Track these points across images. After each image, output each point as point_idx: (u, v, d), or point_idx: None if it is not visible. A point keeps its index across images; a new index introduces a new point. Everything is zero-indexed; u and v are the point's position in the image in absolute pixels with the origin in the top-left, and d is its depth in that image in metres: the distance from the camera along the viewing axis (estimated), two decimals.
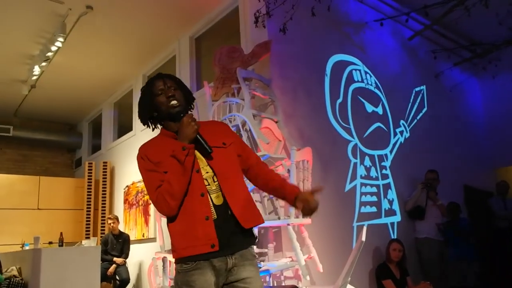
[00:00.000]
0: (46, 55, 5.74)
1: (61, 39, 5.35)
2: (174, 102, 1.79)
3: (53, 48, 5.57)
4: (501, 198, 5.77)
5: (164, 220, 4.43)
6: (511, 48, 5.71)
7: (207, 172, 1.77)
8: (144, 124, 1.93)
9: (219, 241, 1.68)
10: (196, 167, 1.75)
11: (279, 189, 1.90)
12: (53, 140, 8.72)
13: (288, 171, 3.61)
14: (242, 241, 1.77)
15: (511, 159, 6.71)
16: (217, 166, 1.78)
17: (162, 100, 1.80)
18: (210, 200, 1.73)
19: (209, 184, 1.75)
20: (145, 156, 1.79)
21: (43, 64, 6.03)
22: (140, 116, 1.91)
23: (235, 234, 1.74)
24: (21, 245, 5.38)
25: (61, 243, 5.07)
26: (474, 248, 4.90)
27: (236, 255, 1.73)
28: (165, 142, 1.81)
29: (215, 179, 1.76)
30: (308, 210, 1.79)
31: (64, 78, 6.84)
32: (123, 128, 7.43)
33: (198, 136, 1.73)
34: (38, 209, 7.18)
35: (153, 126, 1.91)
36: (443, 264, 4.89)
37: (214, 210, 1.72)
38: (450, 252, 4.85)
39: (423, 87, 5.98)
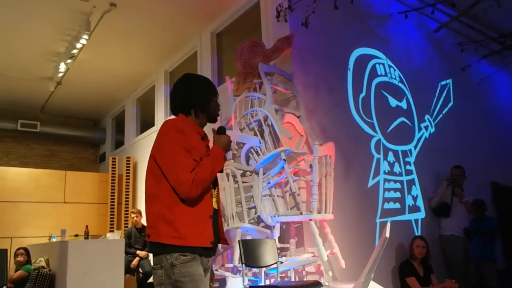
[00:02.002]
0: (71, 52, 5.85)
1: (85, 36, 5.45)
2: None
3: (78, 45, 5.68)
4: None
5: None
6: None
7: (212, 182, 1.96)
8: (185, 106, 1.96)
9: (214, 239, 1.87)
10: None
11: None
12: (78, 135, 8.93)
13: (310, 166, 3.58)
14: (216, 249, 1.98)
15: None
16: (215, 179, 2.00)
17: (216, 104, 2.03)
18: (213, 202, 1.92)
19: (213, 189, 1.95)
20: (184, 133, 1.83)
21: (69, 61, 6.16)
22: (196, 102, 1.95)
23: (218, 240, 1.95)
24: (48, 237, 5.53)
25: (86, 235, 5.18)
26: (500, 247, 4.75)
27: (211, 258, 1.93)
28: (195, 134, 1.91)
29: (213, 186, 1.95)
30: None
31: (88, 74, 6.98)
32: (146, 123, 7.53)
33: None
34: (64, 202, 7.36)
35: (190, 112, 1.96)
36: (467, 262, 4.78)
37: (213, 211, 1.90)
38: (472, 250, 4.73)
39: (449, 80, 5.83)
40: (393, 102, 4.95)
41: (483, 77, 6.35)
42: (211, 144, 1.97)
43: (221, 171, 1.98)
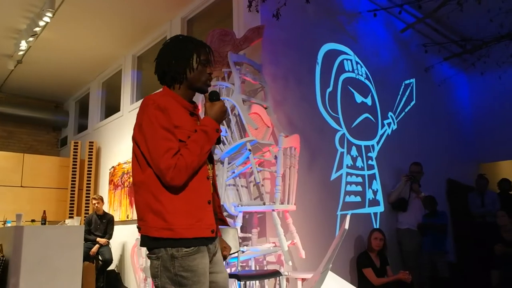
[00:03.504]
0: (34, 30, 5.59)
1: (49, 14, 5.22)
2: (210, 81, 1.76)
3: (41, 23, 5.42)
4: (479, 194, 5.85)
5: None
6: (500, 45, 5.75)
7: (208, 159, 1.77)
8: (163, 75, 1.74)
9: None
10: None
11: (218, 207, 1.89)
12: (39, 117, 8.59)
13: (275, 157, 3.62)
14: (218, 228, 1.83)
15: (496, 155, 6.85)
16: (211, 155, 1.80)
17: (204, 73, 1.73)
18: (210, 185, 1.73)
19: (209, 170, 1.75)
20: (166, 111, 1.59)
21: (30, 39, 5.88)
22: (170, 68, 1.70)
23: (216, 221, 1.78)
24: (3, 222, 5.32)
25: (43, 221, 5.02)
26: (451, 240, 4.98)
27: (216, 239, 1.78)
28: (179, 108, 1.68)
29: (210, 168, 1.77)
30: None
31: (51, 54, 6.70)
32: (111, 108, 7.34)
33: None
34: (21, 186, 7.09)
35: (171, 83, 1.73)
36: (421, 255, 5.00)
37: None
38: (425, 244, 4.96)
39: (413, 80, 6.02)
40: (358, 98, 5.06)
41: (444, 78, 6.61)
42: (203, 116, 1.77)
43: (219, 142, 1.74)
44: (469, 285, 5.18)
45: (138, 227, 1.64)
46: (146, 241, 1.61)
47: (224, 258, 1.85)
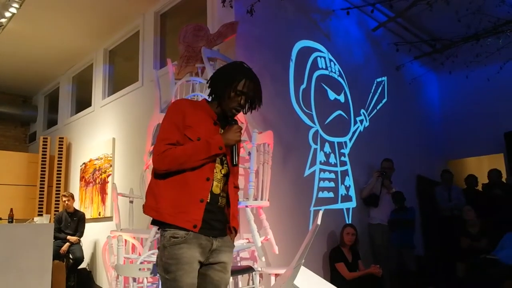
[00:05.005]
0: None
1: (16, 5, 5.05)
2: (236, 113, 1.95)
3: (7, 14, 5.24)
4: (446, 188, 6.03)
5: (124, 199, 4.35)
6: (468, 46, 5.94)
7: (223, 161, 1.93)
8: (214, 91, 1.97)
9: (204, 222, 1.81)
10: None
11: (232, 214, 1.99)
12: (6, 112, 8.31)
13: (249, 153, 3.63)
14: (224, 229, 1.93)
15: (463, 152, 7.08)
16: (230, 164, 1.95)
17: (235, 100, 1.91)
18: (211, 185, 1.86)
19: (217, 172, 1.89)
20: (183, 112, 1.87)
21: None
22: (214, 86, 1.97)
23: (220, 222, 1.90)
24: None
25: (11, 219, 4.87)
26: (419, 235, 5.11)
27: (219, 238, 1.88)
28: (204, 115, 1.92)
29: (223, 172, 1.92)
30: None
31: (19, 47, 6.47)
32: (82, 103, 7.16)
33: (235, 145, 1.92)
34: None
35: (211, 96, 1.99)
36: (390, 249, 5.13)
37: (209, 195, 1.85)
38: (392, 238, 5.09)
39: (384, 78, 6.14)
40: (332, 95, 5.13)
41: (415, 77, 6.77)
42: None
43: (234, 164, 1.92)
44: (435, 277, 5.36)
45: (143, 206, 1.90)
46: (153, 221, 1.87)
47: None
